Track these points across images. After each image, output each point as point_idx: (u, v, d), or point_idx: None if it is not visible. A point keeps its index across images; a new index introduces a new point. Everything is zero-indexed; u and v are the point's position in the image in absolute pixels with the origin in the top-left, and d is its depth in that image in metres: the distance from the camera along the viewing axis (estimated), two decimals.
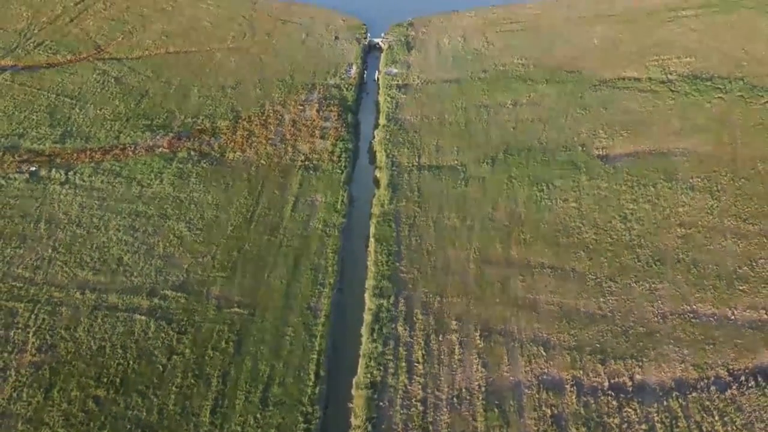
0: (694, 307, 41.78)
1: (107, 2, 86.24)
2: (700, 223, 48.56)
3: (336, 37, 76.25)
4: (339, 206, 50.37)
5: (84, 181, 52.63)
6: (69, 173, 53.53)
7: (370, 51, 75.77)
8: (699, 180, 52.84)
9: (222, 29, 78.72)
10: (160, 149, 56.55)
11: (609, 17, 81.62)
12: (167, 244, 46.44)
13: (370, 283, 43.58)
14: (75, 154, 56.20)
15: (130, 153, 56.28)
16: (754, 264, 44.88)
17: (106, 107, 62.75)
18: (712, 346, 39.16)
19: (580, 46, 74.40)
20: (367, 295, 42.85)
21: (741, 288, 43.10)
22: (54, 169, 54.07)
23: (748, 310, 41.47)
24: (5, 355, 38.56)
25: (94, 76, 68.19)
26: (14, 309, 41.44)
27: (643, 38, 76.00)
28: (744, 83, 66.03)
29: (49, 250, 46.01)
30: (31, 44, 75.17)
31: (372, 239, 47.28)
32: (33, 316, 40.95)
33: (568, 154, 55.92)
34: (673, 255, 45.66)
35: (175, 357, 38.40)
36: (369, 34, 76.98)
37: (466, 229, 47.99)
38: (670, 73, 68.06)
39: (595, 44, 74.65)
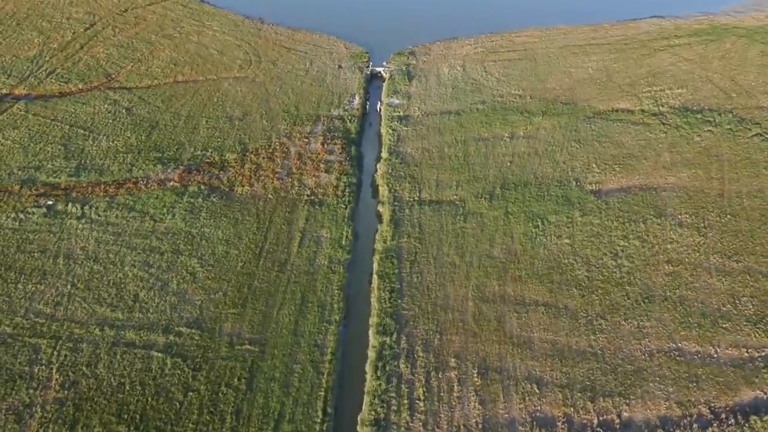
0: (680, 344, 44.31)
1: (116, 28, 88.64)
2: (687, 260, 51.08)
3: (339, 66, 78.70)
4: (344, 242, 52.83)
5: (99, 215, 54.99)
6: (85, 207, 55.89)
7: (372, 79, 78.14)
8: (687, 216, 55.37)
9: (228, 57, 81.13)
10: (171, 183, 58.94)
11: (603, 46, 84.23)
12: (180, 281, 48.87)
13: (373, 320, 46.06)
14: (90, 188, 58.54)
15: (143, 187, 58.67)
16: (737, 302, 47.42)
17: (118, 139, 65.09)
18: (695, 384, 41.69)
19: (576, 75, 76.93)
20: (370, 333, 45.33)
21: (724, 326, 45.63)
22: (70, 203, 56.42)
23: (730, 348, 44.01)
24: (30, 391, 40.95)
25: (106, 106, 70.53)
26: (37, 345, 43.84)
27: (636, 68, 78.61)
28: (733, 116, 68.67)
29: (69, 286, 48.39)
30: (43, 72, 77.49)
31: (375, 276, 49.75)
32: (55, 353, 43.34)
33: (562, 189, 58.40)
34: (661, 292, 48.18)
35: (190, 394, 40.86)
36: (371, 63, 79.36)
37: (464, 266, 50.47)
38: (662, 105, 70.61)
39: (589, 74, 77.20)
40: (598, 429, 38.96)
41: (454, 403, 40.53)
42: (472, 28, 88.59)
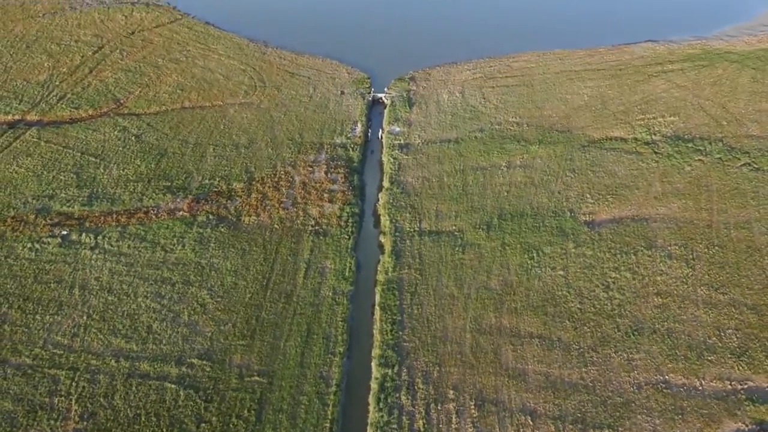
0: (667, 377, 46.70)
1: (123, 51, 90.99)
2: (675, 292, 53.49)
3: (342, 92, 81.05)
4: (347, 273, 55.18)
5: (112, 246, 57.30)
6: (98, 237, 58.22)
7: (374, 105, 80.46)
8: (677, 248, 57.77)
9: (234, 82, 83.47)
10: (180, 213, 61.27)
11: (599, 71, 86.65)
12: (191, 312, 51.21)
13: (376, 352, 48.42)
14: (102, 217, 60.86)
15: (153, 216, 61.00)
16: (722, 334, 49.83)
17: (128, 167, 67.40)
18: (680, 416, 44.10)
19: (572, 102, 79.35)
20: (373, 364, 47.69)
21: (709, 358, 48.03)
22: (84, 233, 58.73)
23: (714, 381, 46.40)
24: (51, 422, 43.26)
25: (116, 133, 72.85)
26: (56, 376, 46.15)
27: (630, 94, 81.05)
28: (723, 145, 71.10)
29: (84, 317, 50.71)
30: (54, 98, 79.81)
31: (377, 308, 52.10)
32: (74, 384, 45.65)
33: (557, 220, 60.79)
34: (650, 325, 50.57)
35: (203, 425, 43.20)
36: (373, 89, 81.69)
37: (463, 298, 52.85)
38: (655, 134, 73.04)
39: (585, 101, 79.60)
40: None
41: None
42: (471, 52, 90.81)
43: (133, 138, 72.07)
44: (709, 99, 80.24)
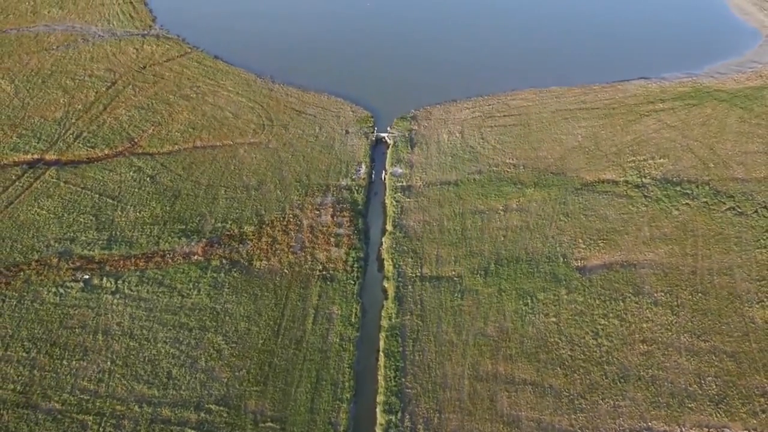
0: (650, 424, 50.51)
1: (136, 87, 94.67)
2: (660, 339, 57.29)
3: (347, 132, 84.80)
4: (353, 319, 58.94)
5: (132, 290, 61.00)
6: (118, 282, 61.90)
7: (377, 144, 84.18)
8: (662, 294, 61.57)
9: (243, 120, 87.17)
10: (195, 256, 64.96)
11: (593, 110, 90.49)
12: (208, 358, 54.91)
13: (380, 398, 52.17)
14: (121, 261, 64.54)
15: (170, 260, 64.67)
16: (703, 382, 53.65)
17: (144, 209, 71.04)
18: None
19: (566, 143, 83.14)
20: (378, 410, 51.44)
21: (690, 405, 51.85)
22: (104, 278, 62.41)
23: (694, 428, 50.23)
24: None
25: (131, 173, 76.46)
26: (84, 422, 49.86)
27: (622, 135, 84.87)
28: (709, 188, 74.91)
29: (108, 363, 54.40)
30: (71, 136, 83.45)
31: (382, 354, 55.84)
32: (101, 429, 49.35)
33: (550, 265, 64.56)
34: (635, 372, 54.36)
35: None
36: (376, 128, 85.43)
37: (461, 344, 56.62)
38: (645, 176, 76.82)
39: (579, 141, 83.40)
40: None
41: None
42: (471, 89, 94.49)
43: (148, 179, 75.67)
44: (697, 140, 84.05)
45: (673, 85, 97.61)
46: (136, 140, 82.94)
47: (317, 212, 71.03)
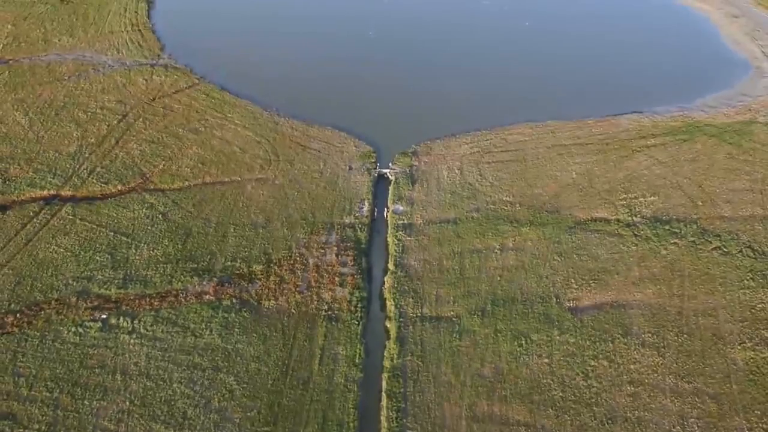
0: None
1: (146, 120, 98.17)
2: (646, 380, 60.84)
3: (350, 168, 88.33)
4: (357, 360, 62.44)
5: (147, 330, 64.47)
6: (134, 321, 65.36)
7: (379, 179, 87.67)
8: (649, 335, 65.12)
9: (250, 155, 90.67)
10: (207, 296, 68.44)
11: (587, 146, 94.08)
12: (221, 398, 58.39)
13: None
14: (137, 300, 68.00)
15: (183, 300, 68.15)
16: (685, 423, 57.22)
17: (157, 247, 74.49)
18: None
19: (561, 180, 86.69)
20: None
21: None
22: (121, 317, 65.88)
23: None
24: None
25: (144, 210, 79.90)
26: None
27: (615, 171, 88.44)
28: (697, 227, 78.47)
29: (127, 403, 57.87)
30: (85, 171, 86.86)
31: (384, 395, 59.36)
32: None
33: (544, 306, 68.11)
34: (623, 413, 57.91)
35: None
36: (378, 165, 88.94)
37: (459, 385, 60.15)
38: (636, 215, 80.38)
39: (573, 178, 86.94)
40: None
41: None
42: (469, 123, 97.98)
43: (160, 216, 79.14)
44: (687, 177, 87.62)
45: (664, 119, 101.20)
46: (147, 176, 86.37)
47: (322, 251, 74.51)
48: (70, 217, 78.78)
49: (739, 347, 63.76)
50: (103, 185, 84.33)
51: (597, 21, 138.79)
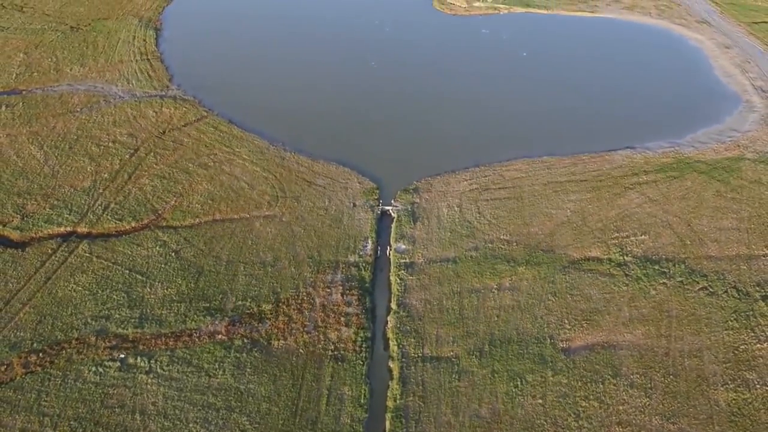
0: None
1: (157, 155, 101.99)
2: (634, 421, 64.77)
3: (354, 204, 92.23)
4: (362, 400, 66.28)
5: (164, 370, 68.24)
6: (151, 361, 69.11)
7: (382, 216, 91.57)
8: (638, 376, 69.05)
9: (258, 191, 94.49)
10: (219, 336, 72.22)
11: (581, 183, 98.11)
12: None
13: None
14: (153, 340, 71.76)
15: (196, 339, 71.93)
16: None
17: (171, 286, 78.27)
18: None
19: (556, 218, 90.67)
20: None
21: None
22: (138, 357, 69.62)
23: None
24: None
25: (157, 248, 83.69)
26: None
27: (608, 209, 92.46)
28: (685, 267, 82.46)
29: None
30: (100, 207, 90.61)
31: None
32: None
33: (539, 347, 72.02)
34: None
35: None
36: (381, 201, 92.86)
37: (458, 425, 64.01)
38: (627, 254, 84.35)
39: (567, 216, 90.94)
40: None
41: None
42: (469, 158, 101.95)
43: (172, 254, 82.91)
44: (676, 215, 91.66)
45: (656, 156, 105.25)
46: (160, 212, 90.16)
47: (328, 290, 78.38)
48: (87, 254, 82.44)
49: (722, 388, 67.69)
50: (117, 222, 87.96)
51: (593, 50, 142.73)
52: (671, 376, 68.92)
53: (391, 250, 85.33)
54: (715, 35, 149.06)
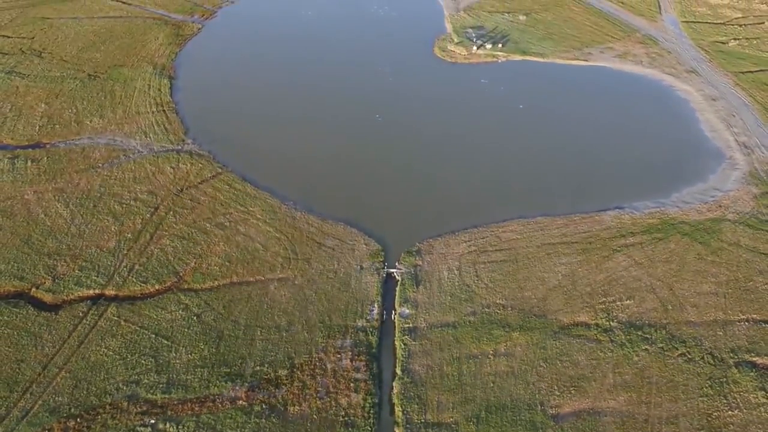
0: None
1: (176, 214, 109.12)
2: None
3: (361, 267, 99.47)
4: None
5: None
6: (179, 427, 76.21)
7: (387, 278, 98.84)
8: None
9: (271, 253, 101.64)
10: (240, 401, 79.37)
11: (572, 245, 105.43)
12: None
13: None
14: (180, 406, 78.85)
15: (219, 405, 79.06)
16: None
17: (194, 350, 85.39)
18: None
19: (548, 282, 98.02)
20: None
21: None
22: (167, 422, 76.70)
23: None
24: None
25: (180, 312, 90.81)
26: None
27: (596, 273, 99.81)
28: (666, 332, 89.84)
29: None
30: (125, 269, 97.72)
31: None
32: None
33: (530, 413, 79.31)
34: None
35: None
36: (386, 264, 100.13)
37: None
38: (613, 320, 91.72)
39: (558, 281, 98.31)
40: None
41: None
42: (467, 219, 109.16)
43: (194, 318, 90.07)
44: (660, 279, 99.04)
45: (643, 216, 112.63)
46: (180, 274, 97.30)
47: (338, 356, 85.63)
48: (115, 318, 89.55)
49: None
50: (142, 285, 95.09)
51: (585, 103, 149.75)
52: None
53: (395, 314, 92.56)
54: (703, 86, 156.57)
